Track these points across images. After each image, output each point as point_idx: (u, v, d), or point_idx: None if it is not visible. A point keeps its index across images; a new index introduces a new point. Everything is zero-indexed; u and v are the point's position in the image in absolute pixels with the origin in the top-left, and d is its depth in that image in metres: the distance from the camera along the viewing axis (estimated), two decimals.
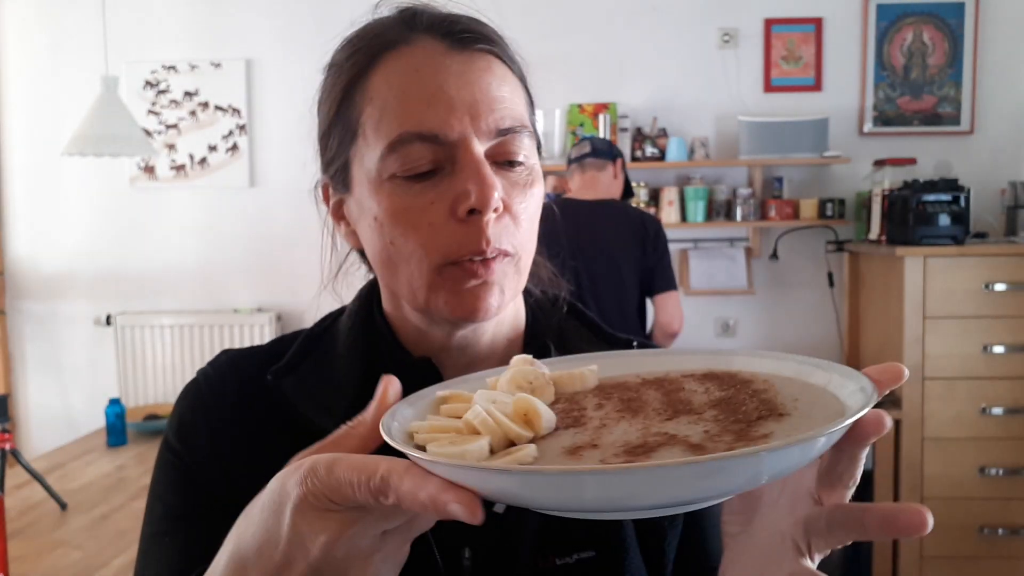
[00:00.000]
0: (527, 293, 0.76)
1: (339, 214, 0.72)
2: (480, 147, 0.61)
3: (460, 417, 0.45)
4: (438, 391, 0.52)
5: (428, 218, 0.61)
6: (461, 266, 0.62)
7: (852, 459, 0.44)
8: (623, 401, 0.48)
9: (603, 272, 2.56)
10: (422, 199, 0.62)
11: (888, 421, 0.41)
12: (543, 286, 0.78)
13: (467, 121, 0.61)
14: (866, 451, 0.44)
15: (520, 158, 0.64)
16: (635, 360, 0.57)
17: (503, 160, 0.63)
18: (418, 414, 0.49)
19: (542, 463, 0.40)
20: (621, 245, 2.59)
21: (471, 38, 0.63)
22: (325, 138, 0.70)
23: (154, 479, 0.70)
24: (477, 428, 0.43)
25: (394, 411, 0.47)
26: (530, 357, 0.53)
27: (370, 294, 0.76)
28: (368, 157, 0.64)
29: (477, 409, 0.43)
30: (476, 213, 0.60)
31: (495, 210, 0.61)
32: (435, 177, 0.62)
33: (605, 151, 2.75)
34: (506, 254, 0.63)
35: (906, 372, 0.44)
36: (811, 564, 0.47)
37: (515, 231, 0.63)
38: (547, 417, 0.45)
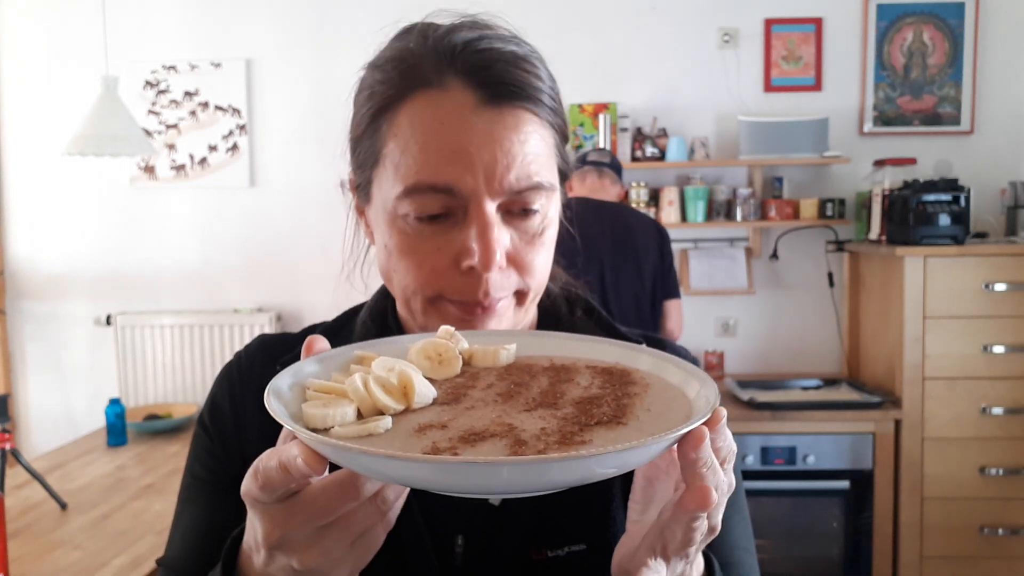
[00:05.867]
0: (545, 294, 0.79)
1: (361, 210, 0.74)
2: (491, 204, 0.63)
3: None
4: (356, 350, 0.56)
5: (432, 262, 0.64)
6: (456, 304, 0.65)
7: (691, 474, 0.46)
8: (513, 384, 0.53)
9: (627, 270, 2.63)
10: (429, 244, 0.64)
11: (706, 436, 0.45)
12: (565, 284, 0.81)
13: (482, 179, 0.62)
14: (703, 467, 0.46)
15: (535, 208, 0.65)
16: (559, 343, 0.61)
17: (518, 209, 0.65)
18: (325, 371, 0.53)
19: (392, 435, 0.45)
20: (644, 246, 2.67)
21: (505, 91, 0.63)
22: (355, 144, 0.70)
23: (189, 451, 0.76)
24: (350, 395, 0.48)
25: (299, 367, 0.52)
26: (451, 329, 0.57)
27: (387, 292, 0.78)
28: (386, 189, 0.65)
29: (354, 378, 0.48)
30: (476, 269, 0.62)
31: (499, 267, 0.63)
32: (446, 223, 0.64)
33: (619, 172, 2.86)
34: (506, 296, 0.66)
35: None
36: (656, 564, 0.49)
37: (520, 277, 0.66)
38: (421, 392, 0.49)
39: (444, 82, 0.63)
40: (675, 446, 0.50)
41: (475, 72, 0.63)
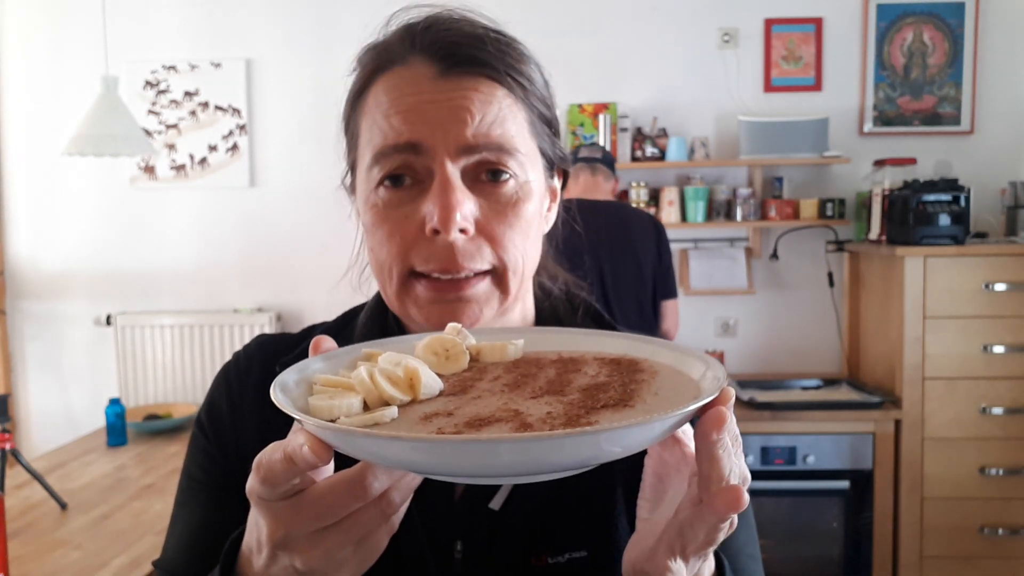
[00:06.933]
0: (544, 295, 0.78)
1: (359, 212, 0.74)
2: (452, 165, 0.62)
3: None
4: (364, 348, 0.56)
5: (401, 231, 0.64)
6: (429, 281, 0.64)
7: (709, 458, 0.44)
8: (521, 376, 0.53)
9: (627, 271, 2.62)
10: (398, 212, 0.64)
11: (725, 415, 0.44)
12: (566, 286, 0.80)
13: (440, 134, 0.62)
14: (721, 449, 0.44)
15: (504, 174, 0.64)
16: (566, 338, 0.61)
17: (484, 175, 0.64)
18: (332, 368, 0.54)
19: (398, 424, 0.45)
20: (642, 245, 2.66)
21: (464, 61, 0.64)
22: (344, 136, 0.73)
23: (186, 453, 0.76)
24: (356, 387, 0.48)
25: (305, 364, 0.53)
26: (458, 326, 0.57)
27: None
28: (362, 168, 0.67)
29: (360, 370, 0.48)
30: (440, 233, 0.62)
31: (462, 231, 0.62)
32: (414, 191, 0.64)
33: (612, 166, 2.83)
34: (483, 273, 0.64)
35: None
36: (676, 565, 0.48)
37: (493, 250, 0.64)
38: (428, 384, 0.49)
39: (407, 59, 0.65)
40: (687, 442, 0.50)
41: (436, 47, 0.64)
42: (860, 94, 3.44)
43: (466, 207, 0.62)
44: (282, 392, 0.48)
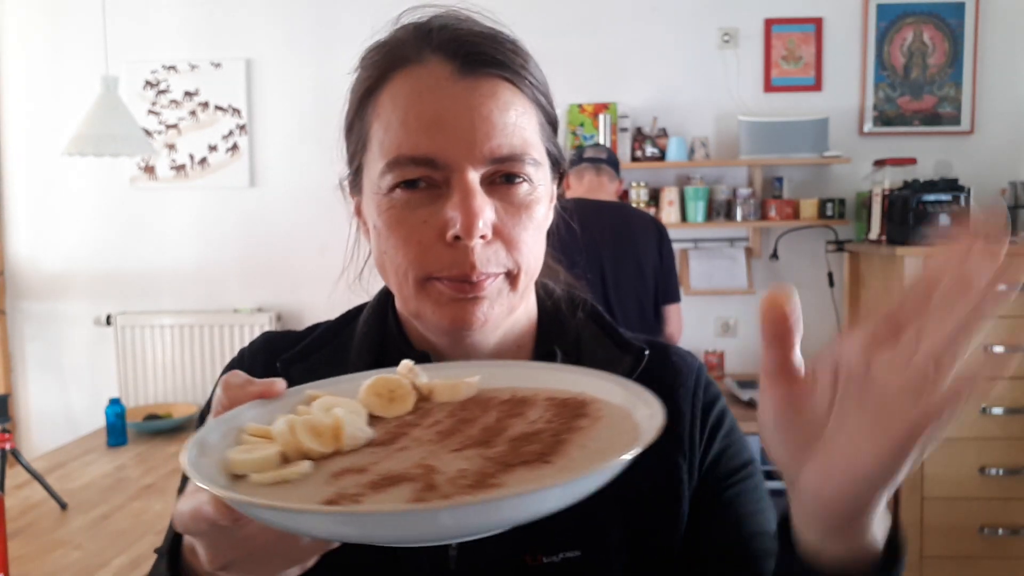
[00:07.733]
0: (547, 295, 0.78)
1: (359, 211, 0.73)
2: (474, 173, 0.62)
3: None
4: (308, 390, 0.55)
5: (418, 236, 0.63)
6: (446, 281, 0.64)
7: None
8: (460, 421, 0.51)
9: (628, 272, 2.62)
10: (414, 217, 0.63)
11: (784, 301, 0.44)
12: (567, 286, 0.80)
13: (462, 148, 0.62)
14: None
15: (519, 178, 0.64)
16: (525, 373, 0.59)
17: (499, 179, 0.64)
18: (266, 413, 0.52)
19: (308, 481, 0.44)
20: (644, 247, 2.66)
21: (481, 61, 0.63)
22: (346, 136, 0.72)
23: None
24: (275, 438, 0.47)
25: (238, 412, 0.51)
26: (410, 363, 0.56)
27: (389, 292, 0.77)
28: (373, 169, 0.66)
29: (280, 420, 0.48)
30: (461, 239, 0.62)
31: (482, 237, 0.62)
32: (431, 195, 0.63)
33: (616, 167, 2.82)
34: (496, 275, 0.64)
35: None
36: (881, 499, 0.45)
37: (508, 253, 0.64)
38: (352, 435, 0.48)
39: (422, 57, 0.64)
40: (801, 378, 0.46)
41: (451, 44, 0.64)
42: (860, 94, 3.44)
43: (487, 214, 0.62)
44: (198, 449, 0.46)
